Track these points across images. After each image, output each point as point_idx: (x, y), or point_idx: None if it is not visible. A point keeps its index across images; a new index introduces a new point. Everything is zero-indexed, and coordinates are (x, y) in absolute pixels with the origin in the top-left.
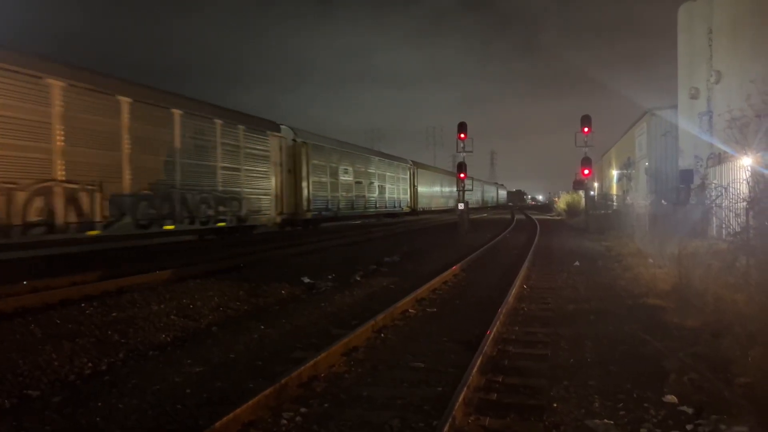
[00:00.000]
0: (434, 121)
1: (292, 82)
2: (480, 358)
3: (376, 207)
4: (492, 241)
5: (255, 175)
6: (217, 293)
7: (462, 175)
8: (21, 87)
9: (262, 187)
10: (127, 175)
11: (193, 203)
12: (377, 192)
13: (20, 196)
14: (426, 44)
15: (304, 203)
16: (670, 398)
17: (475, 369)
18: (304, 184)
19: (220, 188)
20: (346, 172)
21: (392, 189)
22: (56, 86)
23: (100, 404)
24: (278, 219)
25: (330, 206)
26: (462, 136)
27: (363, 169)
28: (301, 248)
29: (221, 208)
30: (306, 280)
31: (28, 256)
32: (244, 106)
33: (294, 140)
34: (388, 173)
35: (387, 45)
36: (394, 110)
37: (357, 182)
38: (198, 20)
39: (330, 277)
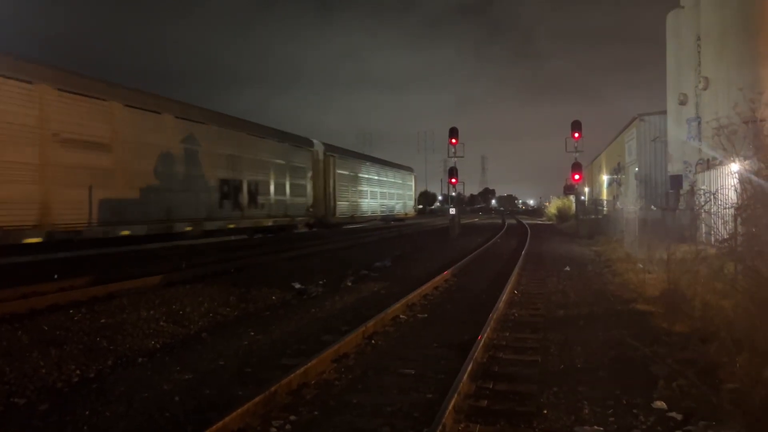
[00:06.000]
0: (427, 125)
1: (286, 85)
2: (470, 365)
3: (217, 212)
4: (483, 246)
5: None
6: (207, 299)
7: (453, 180)
8: None
9: None
10: None
11: None
12: (217, 189)
13: None
14: (420, 49)
15: None
16: (659, 404)
17: (465, 375)
18: None
19: None
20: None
21: (266, 183)
22: None
23: (87, 412)
24: None
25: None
26: (453, 141)
27: (163, 142)
28: (291, 253)
29: None
30: (296, 285)
31: (18, 262)
32: (238, 110)
33: None
34: (256, 157)
35: (381, 48)
36: (388, 114)
37: (149, 165)
38: (191, 24)
39: (321, 282)
